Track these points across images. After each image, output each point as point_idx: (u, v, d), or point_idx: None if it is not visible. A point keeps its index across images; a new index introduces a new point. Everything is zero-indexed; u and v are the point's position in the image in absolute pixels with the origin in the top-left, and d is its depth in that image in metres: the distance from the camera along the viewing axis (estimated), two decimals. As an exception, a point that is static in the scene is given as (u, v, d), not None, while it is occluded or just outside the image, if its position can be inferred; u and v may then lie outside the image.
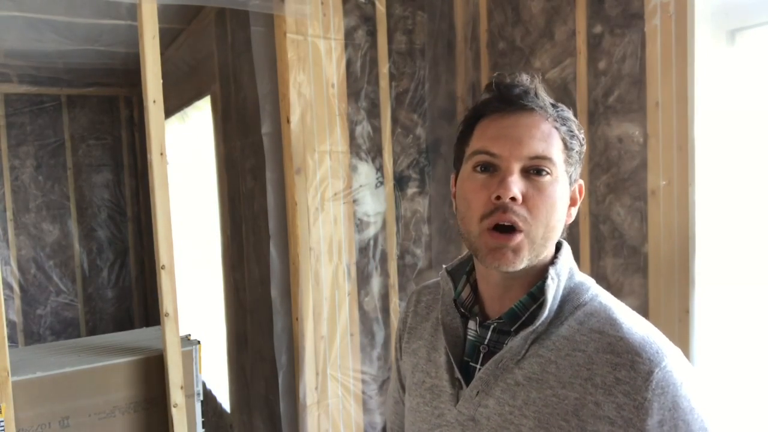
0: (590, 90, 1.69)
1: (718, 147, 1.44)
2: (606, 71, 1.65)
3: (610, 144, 1.65)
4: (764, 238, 1.43)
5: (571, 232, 1.77)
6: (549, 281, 0.77)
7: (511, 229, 0.75)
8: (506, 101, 0.78)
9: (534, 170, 0.76)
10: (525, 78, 0.80)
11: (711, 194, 1.44)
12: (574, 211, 0.82)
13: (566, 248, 0.83)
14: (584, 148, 0.82)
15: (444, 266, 0.91)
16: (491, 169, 0.77)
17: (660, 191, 1.50)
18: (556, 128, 0.78)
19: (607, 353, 0.72)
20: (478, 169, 0.78)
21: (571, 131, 0.80)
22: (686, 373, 0.72)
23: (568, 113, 0.81)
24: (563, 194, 0.78)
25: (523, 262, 0.76)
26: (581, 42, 1.70)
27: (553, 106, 0.80)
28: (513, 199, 0.74)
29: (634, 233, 1.59)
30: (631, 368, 0.70)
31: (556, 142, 0.78)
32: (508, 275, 0.79)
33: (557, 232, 0.78)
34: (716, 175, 1.44)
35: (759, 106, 1.41)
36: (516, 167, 0.76)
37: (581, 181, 0.84)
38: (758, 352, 1.44)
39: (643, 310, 1.55)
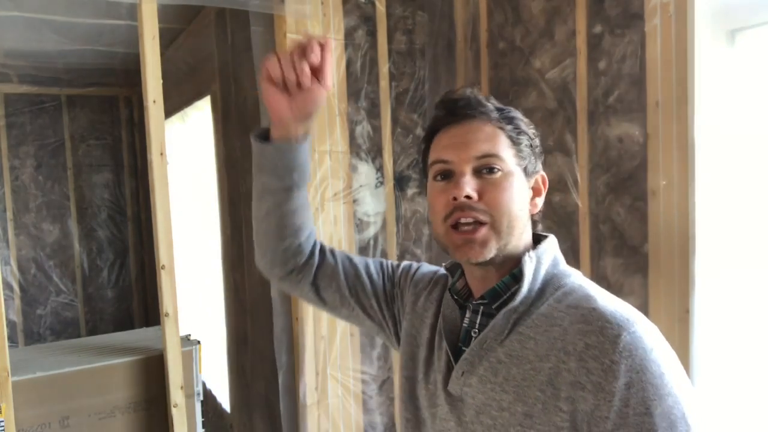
0: (590, 90, 1.69)
1: (718, 147, 1.44)
2: (606, 71, 1.65)
3: (610, 144, 1.64)
4: (764, 238, 1.43)
5: (571, 232, 1.77)
6: (526, 258, 0.82)
7: (474, 225, 0.81)
8: (452, 113, 0.86)
9: (485, 169, 0.82)
10: (468, 90, 0.88)
11: (711, 194, 1.44)
12: (540, 200, 0.89)
13: (552, 239, 0.88)
14: (537, 140, 0.88)
15: (443, 264, 0.98)
16: (448, 175, 0.84)
17: (660, 191, 1.50)
18: (501, 128, 0.85)
19: (580, 323, 0.75)
20: (438, 177, 0.86)
21: (518, 128, 0.86)
22: (658, 343, 0.73)
23: (515, 113, 0.88)
24: (519, 186, 0.84)
25: (491, 252, 0.81)
26: (581, 42, 1.70)
27: (499, 110, 0.87)
28: (468, 197, 0.80)
29: (634, 233, 1.59)
30: (600, 333, 0.72)
31: (502, 140, 0.84)
32: (486, 266, 0.84)
33: (521, 221, 0.84)
34: (716, 175, 1.44)
35: (759, 105, 1.41)
36: (467, 169, 0.82)
37: (543, 173, 0.89)
38: (758, 352, 1.44)
39: (643, 310, 1.55)
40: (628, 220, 1.60)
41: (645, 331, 0.73)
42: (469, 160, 0.82)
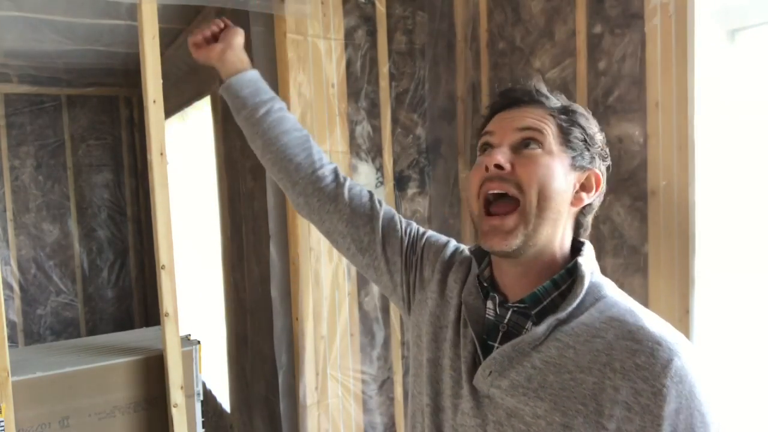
0: (590, 90, 1.69)
1: (719, 147, 1.44)
2: (606, 71, 1.65)
3: (610, 144, 1.64)
4: (765, 238, 1.43)
5: (571, 232, 1.77)
6: (584, 268, 0.79)
7: (503, 198, 0.79)
8: (507, 99, 0.86)
9: (524, 143, 0.80)
10: (531, 83, 0.87)
11: (711, 194, 1.44)
12: (587, 196, 0.84)
13: (589, 247, 0.86)
14: (597, 138, 0.85)
15: (467, 247, 0.95)
16: (489, 148, 0.83)
17: (660, 191, 1.49)
18: (552, 115, 0.82)
19: (627, 340, 0.73)
20: (479, 152, 0.86)
21: (572, 120, 0.83)
22: (703, 369, 0.73)
23: (577, 108, 0.85)
24: (560, 170, 0.80)
25: (518, 238, 0.78)
26: (581, 42, 1.70)
27: (563, 104, 0.84)
28: (498, 166, 0.78)
29: (634, 233, 1.59)
30: (651, 355, 0.71)
31: (550, 123, 0.81)
32: (511, 258, 0.81)
33: (554, 205, 0.80)
34: (716, 174, 1.44)
35: (759, 105, 1.41)
36: (506, 141, 0.81)
37: (597, 171, 0.85)
38: (758, 352, 1.44)
39: (643, 310, 1.55)
40: (628, 220, 1.60)
41: (693, 357, 0.72)
42: (510, 130, 0.81)
